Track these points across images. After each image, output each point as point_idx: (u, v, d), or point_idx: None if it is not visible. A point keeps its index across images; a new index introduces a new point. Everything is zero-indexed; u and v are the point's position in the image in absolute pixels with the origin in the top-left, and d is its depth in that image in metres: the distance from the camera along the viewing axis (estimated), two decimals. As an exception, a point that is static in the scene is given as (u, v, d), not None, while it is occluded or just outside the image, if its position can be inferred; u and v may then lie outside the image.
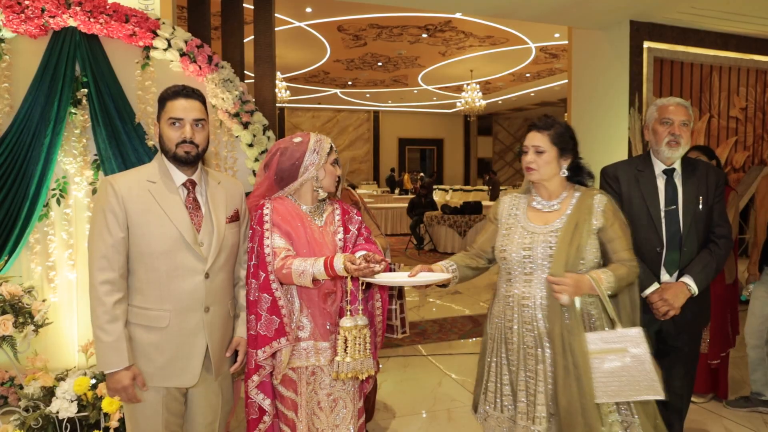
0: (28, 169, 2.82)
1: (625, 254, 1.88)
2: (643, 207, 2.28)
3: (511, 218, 1.99)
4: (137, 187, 1.72)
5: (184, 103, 1.74)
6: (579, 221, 1.85)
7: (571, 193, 1.94)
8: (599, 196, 1.91)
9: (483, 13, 6.62)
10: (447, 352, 4.45)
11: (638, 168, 2.35)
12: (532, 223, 1.92)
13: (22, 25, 2.74)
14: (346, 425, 1.91)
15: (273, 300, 1.83)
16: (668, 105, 2.30)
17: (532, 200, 1.99)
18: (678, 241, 2.26)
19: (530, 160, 1.90)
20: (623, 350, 1.74)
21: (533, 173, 1.91)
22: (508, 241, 1.93)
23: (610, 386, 1.75)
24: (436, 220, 9.67)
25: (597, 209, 1.88)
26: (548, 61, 11.58)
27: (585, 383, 1.75)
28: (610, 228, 1.88)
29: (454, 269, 2.03)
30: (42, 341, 2.75)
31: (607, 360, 1.75)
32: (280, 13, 7.93)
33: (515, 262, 1.90)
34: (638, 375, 1.74)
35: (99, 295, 1.66)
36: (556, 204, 1.93)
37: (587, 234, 1.84)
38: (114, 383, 1.67)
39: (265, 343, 1.82)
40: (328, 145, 1.97)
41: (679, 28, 5.12)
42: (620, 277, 1.83)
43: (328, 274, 1.74)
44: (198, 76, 3.08)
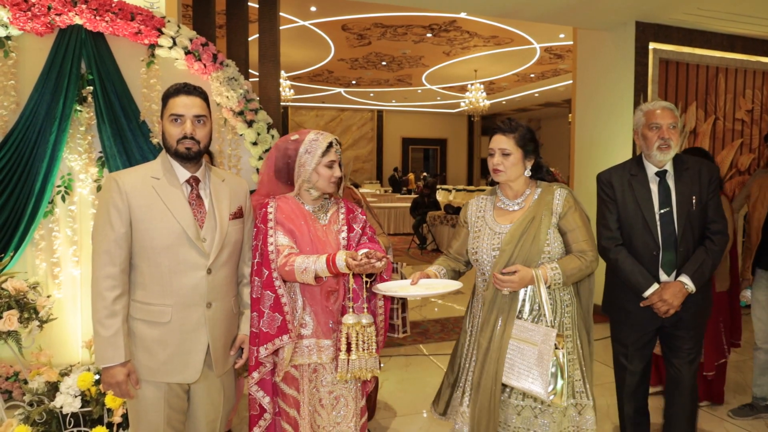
0: (34, 166, 2.84)
1: (582, 245, 1.95)
2: (637, 211, 2.32)
3: (479, 220, 2.09)
4: (141, 183, 1.74)
5: (185, 99, 1.75)
6: (536, 215, 1.95)
7: (534, 189, 2.04)
8: (559, 190, 2.00)
9: (488, 13, 6.62)
10: (448, 352, 4.43)
11: (631, 172, 2.38)
12: (499, 223, 2.02)
13: (29, 22, 2.76)
14: (347, 423, 1.91)
15: (276, 297, 1.84)
16: (654, 109, 2.32)
17: (498, 200, 2.09)
18: (674, 242, 2.29)
19: (497, 162, 1.99)
20: (534, 345, 1.84)
21: (500, 174, 2.00)
22: (478, 243, 2.03)
23: (517, 367, 1.87)
24: (439, 219, 9.67)
25: (556, 202, 1.97)
26: (553, 61, 11.56)
27: (498, 363, 1.89)
28: (568, 219, 1.96)
29: (444, 273, 2.12)
30: (46, 337, 2.77)
31: (522, 347, 1.87)
32: (285, 11, 7.94)
33: (485, 262, 2.00)
34: (536, 366, 1.83)
35: (100, 289, 1.67)
36: (521, 201, 2.03)
37: (546, 227, 1.93)
38: (109, 378, 1.68)
39: (267, 340, 1.83)
40: (325, 144, 1.92)
41: (685, 29, 5.10)
42: (571, 269, 1.90)
43: (330, 270, 1.75)
44: (203, 74, 3.09)
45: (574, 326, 1.99)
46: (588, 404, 1.96)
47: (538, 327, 1.86)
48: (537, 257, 1.92)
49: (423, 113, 19.71)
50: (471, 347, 2.08)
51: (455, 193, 15.36)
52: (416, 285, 1.97)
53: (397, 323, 3.09)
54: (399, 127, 19.63)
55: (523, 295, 1.94)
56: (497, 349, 1.91)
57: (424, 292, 1.92)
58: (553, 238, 1.94)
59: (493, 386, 1.90)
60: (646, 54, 4.99)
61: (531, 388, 1.83)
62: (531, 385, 1.83)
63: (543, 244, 1.92)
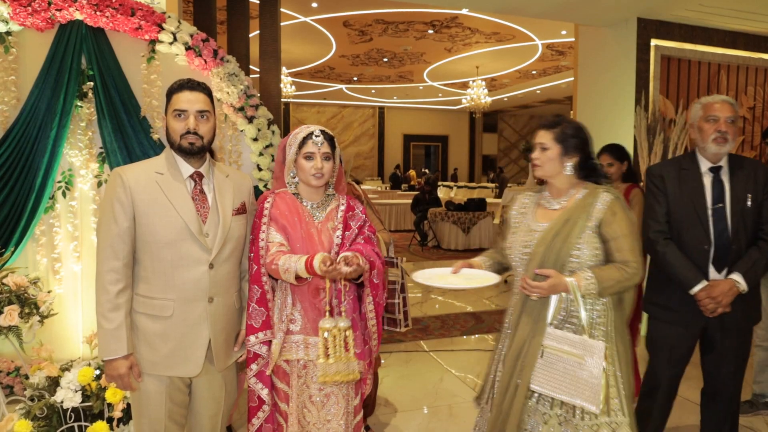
0: (35, 161, 2.84)
1: (626, 255, 1.83)
2: (689, 205, 2.27)
3: (520, 216, 2.05)
4: (145, 178, 1.75)
5: (189, 95, 1.76)
6: (571, 217, 1.87)
7: (579, 190, 1.94)
8: (605, 195, 1.89)
9: (489, 10, 6.60)
10: (449, 348, 4.46)
11: (683, 166, 2.34)
12: (538, 221, 1.96)
13: (29, 18, 2.76)
14: (338, 421, 1.90)
15: (262, 292, 1.87)
16: (713, 102, 2.29)
17: (542, 198, 2.02)
18: (726, 238, 2.24)
19: (535, 157, 1.96)
20: (580, 358, 1.75)
21: (537, 169, 1.97)
22: (514, 238, 1.99)
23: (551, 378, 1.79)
24: (440, 216, 9.66)
25: (597, 206, 1.86)
26: (555, 58, 11.54)
27: (525, 370, 1.83)
28: (610, 226, 1.84)
29: (489, 265, 2.09)
30: (47, 332, 2.78)
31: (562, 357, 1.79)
32: (286, 7, 7.93)
33: (517, 260, 1.96)
34: (582, 381, 1.74)
35: (104, 283, 1.69)
36: (563, 201, 1.95)
37: (580, 231, 1.84)
38: (111, 370, 1.70)
39: (251, 332, 1.87)
40: (302, 135, 1.90)
41: (687, 26, 5.09)
42: (608, 280, 1.79)
43: (309, 272, 1.73)
44: (203, 69, 3.08)
45: (609, 339, 1.85)
46: (624, 422, 1.83)
47: (583, 339, 1.77)
48: (567, 261, 1.84)
49: (424, 110, 19.70)
50: (503, 347, 2.03)
51: (456, 189, 15.35)
52: (456, 275, 1.96)
53: (399, 317, 3.08)
54: (400, 124, 19.62)
55: (556, 302, 1.85)
56: (524, 355, 1.85)
57: (462, 285, 1.91)
58: (586, 243, 1.84)
59: (515, 391, 1.85)
60: (648, 51, 4.98)
61: (575, 401, 1.74)
62: (574, 398, 1.74)
63: (573, 248, 1.83)
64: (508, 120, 20.71)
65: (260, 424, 1.93)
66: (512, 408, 1.86)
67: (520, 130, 20.84)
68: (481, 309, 5.69)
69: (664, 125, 4.89)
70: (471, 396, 3.50)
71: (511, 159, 20.77)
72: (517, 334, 1.91)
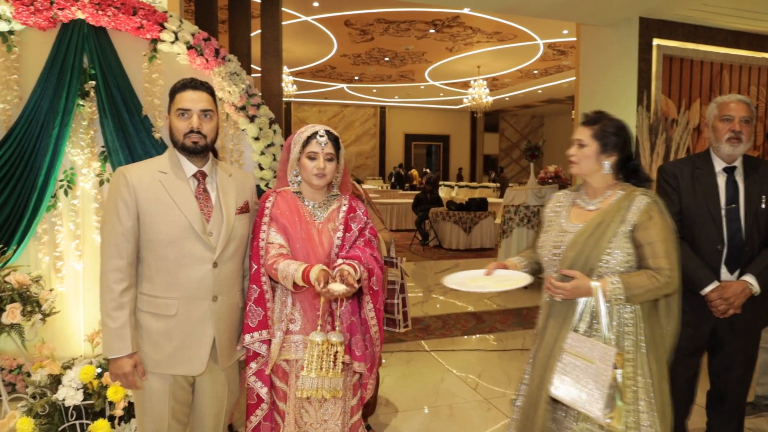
0: (37, 160, 2.85)
1: (660, 262, 1.75)
2: (702, 205, 2.26)
3: (554, 214, 1.99)
4: (148, 177, 1.75)
5: (192, 94, 1.77)
6: (605, 220, 1.80)
7: (616, 192, 1.87)
8: (641, 198, 1.80)
9: (491, 9, 6.60)
10: (450, 348, 4.46)
11: (697, 166, 2.33)
12: (570, 221, 1.91)
13: (32, 17, 2.76)
14: (335, 421, 1.90)
15: (261, 292, 1.87)
16: (729, 102, 2.28)
17: (578, 197, 1.96)
18: (739, 239, 2.22)
19: (572, 153, 1.90)
20: (592, 362, 1.71)
21: (573, 166, 1.91)
22: (545, 237, 1.95)
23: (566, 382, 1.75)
24: (441, 216, 9.66)
25: (632, 209, 1.79)
26: (556, 57, 11.53)
27: (546, 373, 1.79)
28: (646, 230, 1.76)
29: (525, 265, 2.04)
30: (49, 330, 2.78)
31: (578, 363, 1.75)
32: (287, 7, 7.93)
33: (546, 260, 1.92)
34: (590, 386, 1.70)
35: (108, 282, 1.70)
36: (598, 202, 1.88)
37: (612, 234, 1.77)
38: (116, 369, 1.71)
39: (247, 331, 1.87)
40: (306, 135, 1.90)
41: (689, 25, 5.08)
42: (636, 286, 1.72)
43: (306, 283, 1.73)
44: (205, 69, 3.09)
45: (638, 351, 1.77)
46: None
47: (594, 343, 1.71)
48: (596, 266, 1.77)
49: (426, 109, 19.69)
50: (534, 348, 1.99)
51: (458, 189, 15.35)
52: (489, 277, 1.93)
53: (398, 318, 3.08)
54: (402, 123, 19.61)
55: (582, 306, 1.80)
56: (547, 358, 1.82)
57: (492, 289, 1.88)
58: (618, 247, 1.77)
59: (539, 397, 1.81)
60: (650, 50, 4.97)
61: (585, 407, 1.69)
62: (585, 405, 1.69)
63: (603, 252, 1.76)
64: (509, 120, 20.69)
65: (258, 422, 1.93)
66: (537, 414, 1.81)
67: (521, 129, 20.82)
68: (482, 309, 5.69)
69: (667, 125, 4.88)
70: (471, 396, 3.50)
71: (513, 159, 20.75)
72: (544, 339, 1.87)
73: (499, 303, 5.89)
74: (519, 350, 4.42)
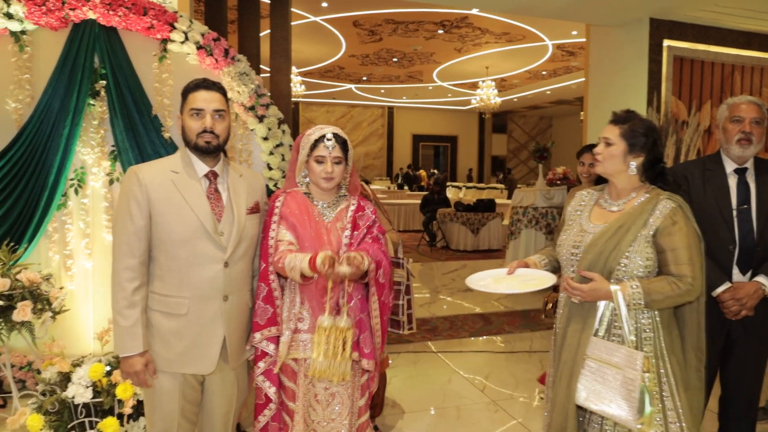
0: (48, 159, 2.87)
1: (682, 269, 1.71)
2: (713, 205, 2.24)
3: (575, 213, 1.96)
4: (160, 177, 1.76)
5: (205, 94, 1.78)
6: (626, 223, 1.76)
7: (641, 194, 1.82)
8: (665, 202, 1.76)
9: (500, 10, 6.58)
10: (457, 349, 4.45)
11: (708, 167, 2.32)
12: (591, 222, 1.87)
13: (44, 17, 2.78)
14: (342, 420, 1.91)
15: (269, 290, 1.88)
16: (740, 103, 2.27)
17: (602, 197, 1.93)
18: (751, 240, 2.21)
19: (598, 151, 1.86)
20: (618, 368, 1.68)
21: (598, 165, 1.87)
22: (565, 236, 1.92)
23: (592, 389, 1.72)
24: (449, 217, 9.64)
25: (656, 213, 1.75)
26: (565, 58, 11.49)
27: (570, 381, 1.76)
28: (669, 236, 1.72)
29: (546, 263, 2.03)
30: (59, 328, 2.80)
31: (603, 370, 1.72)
32: (296, 7, 7.95)
33: (564, 259, 1.89)
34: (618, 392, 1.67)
35: (120, 280, 1.70)
36: (621, 204, 1.84)
37: (632, 238, 1.73)
38: (127, 367, 1.72)
39: (256, 330, 1.88)
40: (313, 138, 1.90)
41: (700, 26, 5.04)
42: (657, 292, 1.68)
43: (313, 270, 1.74)
44: (214, 69, 3.10)
45: (660, 358, 1.74)
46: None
47: (619, 348, 1.68)
48: (615, 269, 1.74)
49: (434, 110, 19.67)
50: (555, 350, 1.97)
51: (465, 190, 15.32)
52: (512, 275, 1.92)
53: (402, 319, 3.08)
54: (409, 124, 19.60)
55: (602, 310, 1.76)
56: (572, 363, 1.78)
57: (516, 290, 1.86)
58: (637, 252, 1.73)
59: (567, 405, 1.78)
60: (661, 51, 4.93)
61: (615, 413, 1.65)
62: (615, 411, 1.65)
63: (621, 256, 1.73)
64: (517, 121, 20.63)
65: (266, 422, 1.94)
66: (567, 424, 1.78)
67: (529, 131, 20.75)
68: (490, 310, 5.67)
69: (677, 127, 4.85)
70: (479, 398, 3.49)
71: (521, 160, 20.68)
72: (566, 341, 1.84)
73: (507, 305, 5.87)
74: (526, 352, 4.40)
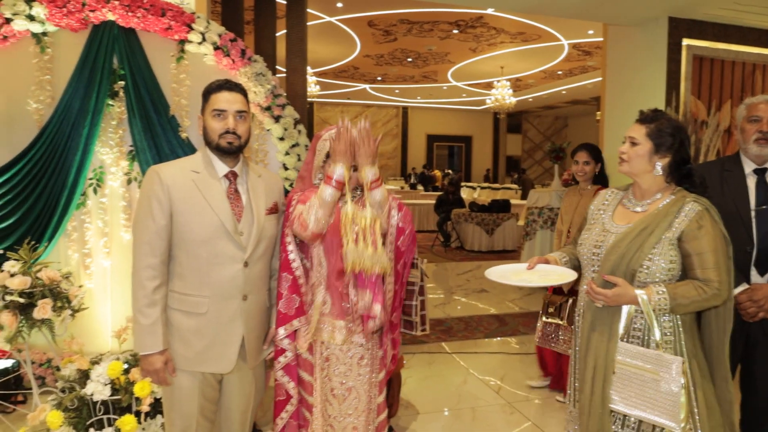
0: (68, 158, 2.91)
1: (708, 274, 1.68)
2: (731, 206, 2.21)
3: (598, 212, 1.94)
4: (181, 177, 1.78)
5: (228, 95, 1.79)
6: (650, 224, 1.74)
7: (666, 196, 1.79)
8: (691, 205, 1.72)
9: (515, 9, 6.54)
10: (472, 350, 4.43)
11: (726, 167, 2.30)
12: (614, 222, 1.85)
13: (64, 19, 2.82)
14: (358, 416, 1.91)
15: (293, 279, 1.89)
16: (758, 103, 2.25)
17: (626, 197, 1.90)
18: None
19: (623, 150, 1.84)
20: (654, 373, 1.66)
21: (623, 164, 1.85)
22: (587, 235, 1.90)
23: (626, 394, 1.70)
24: (463, 217, 9.61)
25: (681, 216, 1.72)
26: (581, 58, 11.38)
27: (603, 387, 1.74)
28: (695, 240, 1.69)
29: (566, 261, 2.02)
30: (77, 326, 2.84)
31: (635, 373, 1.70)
32: (312, 8, 7.96)
33: (585, 259, 1.88)
34: (661, 397, 1.65)
35: (141, 279, 1.72)
36: (646, 205, 1.81)
37: (656, 240, 1.71)
38: (147, 365, 1.74)
39: (285, 321, 1.88)
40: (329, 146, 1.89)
41: (720, 24, 4.96)
42: (683, 297, 1.66)
43: (331, 185, 1.78)
44: (231, 69, 3.12)
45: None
46: None
47: (657, 353, 1.66)
48: (637, 272, 1.72)
49: (448, 110, 19.61)
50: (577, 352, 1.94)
51: (480, 190, 15.25)
52: (532, 271, 1.91)
53: (416, 320, 3.07)
54: (424, 124, 19.56)
55: (626, 314, 1.74)
56: (603, 369, 1.75)
57: (538, 282, 1.86)
58: (661, 255, 1.70)
59: (600, 411, 1.74)
60: (679, 50, 4.86)
61: (653, 418, 1.64)
62: (652, 416, 1.64)
63: (644, 258, 1.70)
64: (532, 121, 20.48)
65: (288, 418, 1.96)
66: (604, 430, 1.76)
67: (544, 131, 20.59)
68: (505, 311, 5.64)
69: (696, 127, 4.78)
70: (494, 399, 3.47)
71: (536, 160, 20.53)
72: (591, 345, 1.81)
73: (522, 306, 5.83)
74: (542, 354, 4.36)
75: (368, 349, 1.95)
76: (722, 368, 1.80)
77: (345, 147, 1.82)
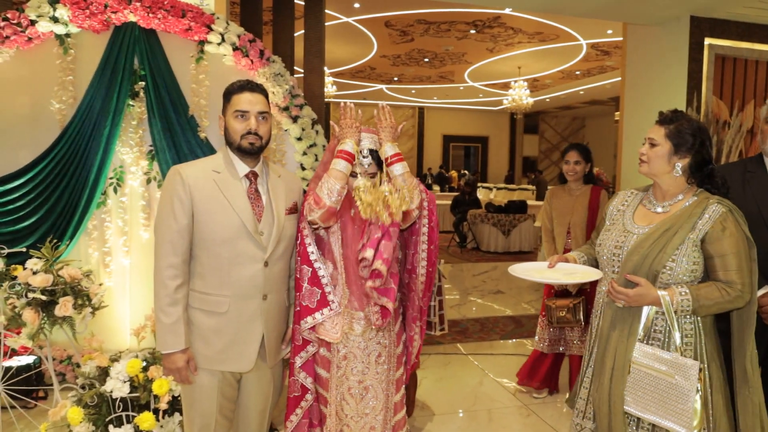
0: (89, 158, 2.95)
1: (732, 276, 1.67)
2: (753, 207, 2.17)
3: (617, 213, 1.94)
4: (203, 177, 1.79)
5: (249, 96, 1.80)
6: (673, 225, 1.72)
7: (688, 197, 1.79)
8: (715, 206, 1.71)
9: (534, 9, 6.49)
10: (488, 351, 4.40)
11: (748, 169, 2.26)
12: (635, 223, 1.84)
13: (87, 20, 2.86)
14: (375, 415, 1.90)
15: (313, 271, 1.89)
16: None
17: (646, 198, 1.90)
18: None
19: (643, 151, 1.84)
20: (670, 376, 1.65)
21: (643, 165, 1.84)
22: (606, 236, 1.89)
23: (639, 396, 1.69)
24: (479, 218, 9.56)
25: (705, 217, 1.71)
26: (599, 58, 11.25)
27: (620, 387, 1.73)
28: (718, 242, 1.68)
29: (584, 260, 2.02)
30: (97, 323, 2.88)
31: (650, 375, 1.69)
32: (329, 8, 7.99)
33: (605, 259, 1.87)
34: (673, 401, 1.64)
35: (163, 278, 1.73)
36: (667, 206, 1.80)
37: (679, 241, 1.69)
38: (169, 364, 1.75)
39: (308, 313, 1.88)
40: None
41: (744, 23, 4.87)
42: (706, 299, 1.65)
43: (343, 158, 1.81)
44: (250, 69, 3.14)
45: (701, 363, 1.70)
46: None
47: (674, 356, 1.65)
48: (659, 273, 1.71)
49: (465, 110, 19.53)
50: (591, 353, 1.93)
51: (496, 191, 15.16)
52: (553, 269, 1.92)
53: (434, 320, 3.07)
54: (440, 124, 19.50)
55: (646, 315, 1.74)
56: (621, 369, 1.74)
57: (562, 280, 1.87)
58: (684, 256, 1.69)
59: (612, 412, 1.75)
60: (701, 50, 4.78)
61: (663, 422, 1.64)
62: (663, 420, 1.64)
63: (667, 259, 1.69)
64: (549, 121, 20.30)
65: (303, 414, 1.97)
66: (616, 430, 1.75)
67: (562, 131, 20.40)
68: (521, 313, 5.60)
69: (718, 128, 4.69)
70: (510, 401, 3.45)
71: (552, 161, 20.34)
72: (609, 345, 1.80)
73: (538, 308, 5.78)
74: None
75: (385, 347, 1.95)
76: (741, 371, 1.77)
77: (350, 122, 1.87)
